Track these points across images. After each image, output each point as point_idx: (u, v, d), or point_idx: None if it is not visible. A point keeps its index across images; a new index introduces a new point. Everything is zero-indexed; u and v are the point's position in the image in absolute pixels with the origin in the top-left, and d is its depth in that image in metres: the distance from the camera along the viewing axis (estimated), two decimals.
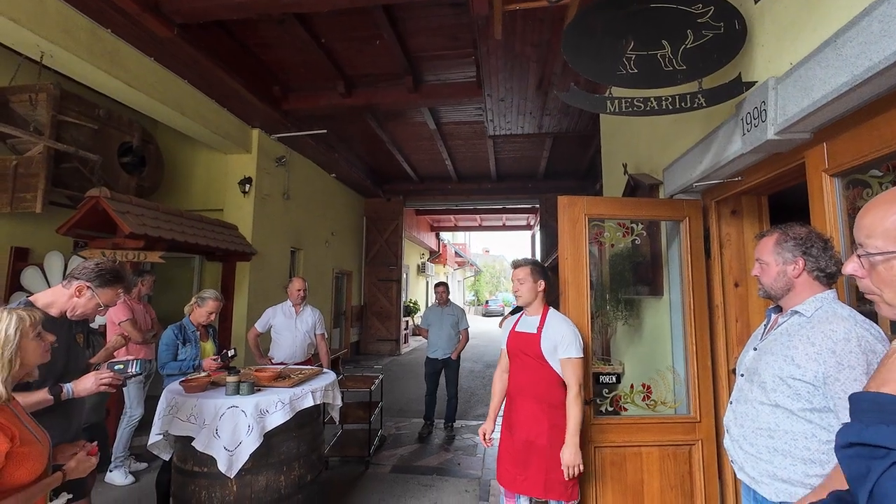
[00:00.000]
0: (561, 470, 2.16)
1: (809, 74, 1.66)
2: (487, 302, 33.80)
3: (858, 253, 0.89)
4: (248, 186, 6.55)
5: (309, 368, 3.38)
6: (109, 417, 4.04)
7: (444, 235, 20.57)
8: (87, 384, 1.82)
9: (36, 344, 1.42)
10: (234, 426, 2.39)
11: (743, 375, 1.53)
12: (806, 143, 1.88)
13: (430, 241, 17.59)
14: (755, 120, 1.98)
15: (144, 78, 4.62)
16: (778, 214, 2.50)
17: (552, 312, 2.38)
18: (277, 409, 2.52)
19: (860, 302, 1.62)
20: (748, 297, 2.68)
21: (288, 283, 4.26)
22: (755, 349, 1.51)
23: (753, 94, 2.01)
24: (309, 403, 2.71)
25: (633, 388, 2.74)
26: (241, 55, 5.43)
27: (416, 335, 14.48)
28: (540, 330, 2.31)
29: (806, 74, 1.68)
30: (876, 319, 1.34)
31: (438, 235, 19.31)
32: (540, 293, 2.39)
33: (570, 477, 2.14)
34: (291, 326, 4.10)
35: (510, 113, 5.89)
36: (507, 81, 4.95)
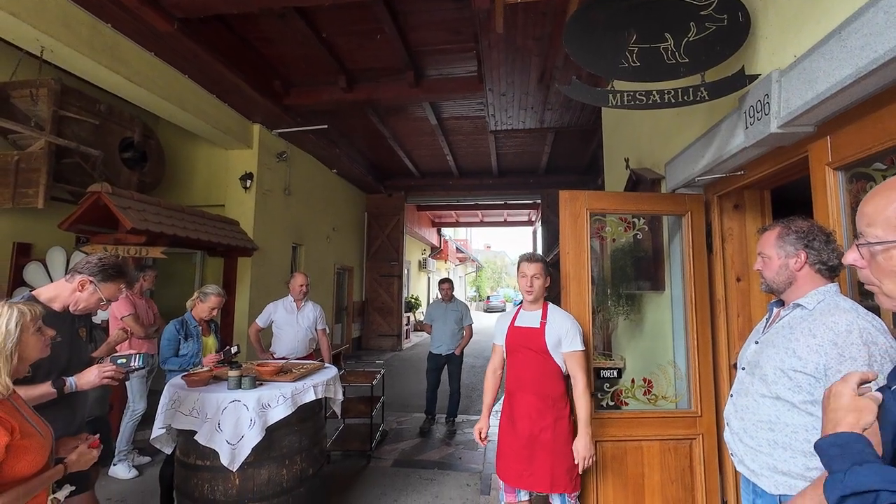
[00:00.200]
0: (566, 463, 2.17)
1: (813, 67, 1.64)
2: (489, 298, 33.79)
3: (858, 242, 0.88)
4: (249, 182, 6.55)
5: (311, 363, 3.39)
6: (113, 412, 4.07)
7: (445, 231, 20.54)
8: (90, 377, 1.84)
9: (36, 338, 1.43)
10: (236, 420, 2.40)
11: (744, 369, 1.53)
12: (809, 136, 1.86)
13: (431, 236, 17.58)
14: (758, 113, 1.97)
15: (145, 73, 4.61)
16: (780, 209, 2.48)
17: (552, 307, 2.39)
18: (279, 403, 2.53)
19: (863, 297, 1.61)
20: (750, 291, 2.68)
21: (290, 278, 4.26)
22: (757, 343, 1.51)
23: (757, 87, 2.00)
24: (311, 398, 2.72)
25: (634, 382, 2.74)
26: (241, 50, 5.41)
27: (417, 331, 14.51)
28: (543, 324, 2.32)
29: (810, 67, 1.66)
30: (879, 314, 1.33)
31: (440, 231, 19.29)
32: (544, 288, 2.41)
33: (584, 468, 2.15)
34: (293, 322, 4.10)
35: (512, 108, 5.87)
36: (508, 76, 4.93)
